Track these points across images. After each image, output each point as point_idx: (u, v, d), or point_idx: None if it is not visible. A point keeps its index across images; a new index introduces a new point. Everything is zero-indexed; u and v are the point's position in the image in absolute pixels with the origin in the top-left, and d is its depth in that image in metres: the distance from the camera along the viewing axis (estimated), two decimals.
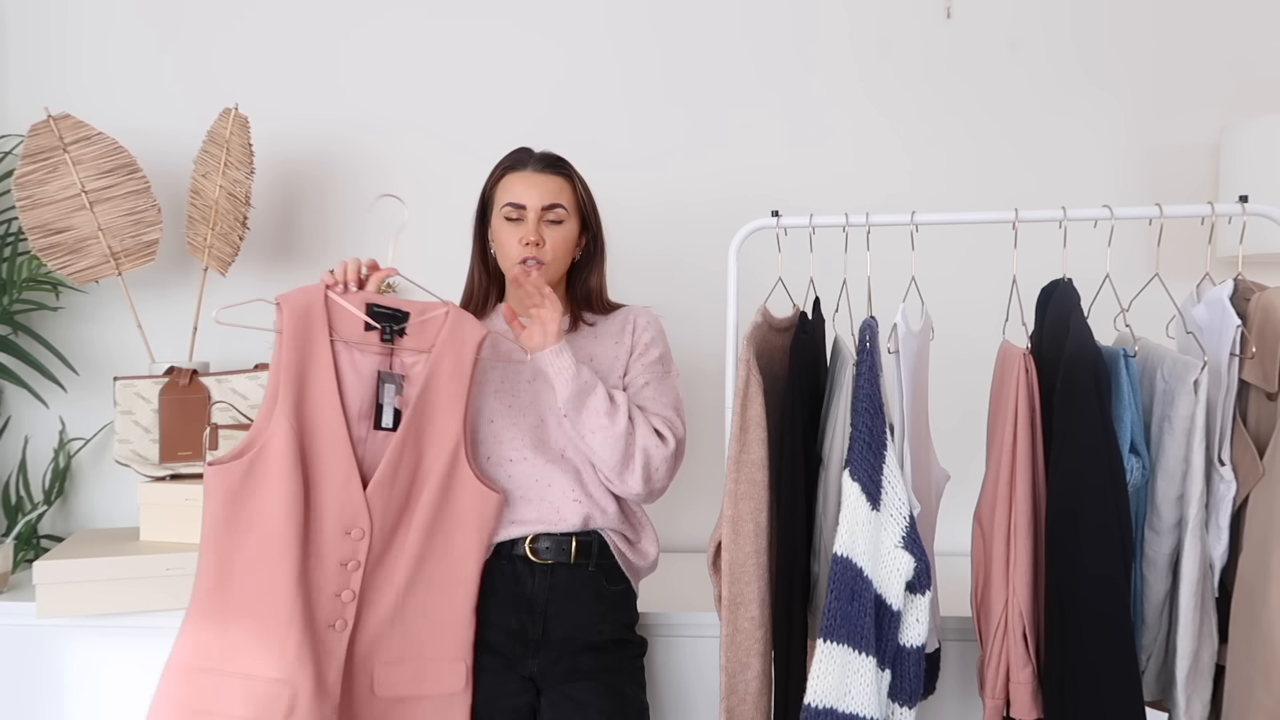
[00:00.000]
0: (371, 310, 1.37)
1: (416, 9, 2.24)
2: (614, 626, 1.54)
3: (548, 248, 1.53)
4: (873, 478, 1.31)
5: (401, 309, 1.39)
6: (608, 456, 1.45)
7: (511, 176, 1.55)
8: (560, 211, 1.54)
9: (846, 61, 2.20)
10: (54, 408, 2.24)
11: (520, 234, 1.52)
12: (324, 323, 1.35)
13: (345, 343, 1.36)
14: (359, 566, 1.35)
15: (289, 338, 1.33)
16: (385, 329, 1.37)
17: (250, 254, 2.23)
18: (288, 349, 1.33)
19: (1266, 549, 1.26)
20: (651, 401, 1.53)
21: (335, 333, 1.35)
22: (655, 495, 1.52)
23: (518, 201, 1.52)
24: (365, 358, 1.37)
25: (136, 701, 1.77)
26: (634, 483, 1.47)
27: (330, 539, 1.33)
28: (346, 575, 1.34)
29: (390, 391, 1.36)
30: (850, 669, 1.29)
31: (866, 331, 1.37)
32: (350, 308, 1.36)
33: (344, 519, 1.34)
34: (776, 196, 2.16)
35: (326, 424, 1.34)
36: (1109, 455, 1.28)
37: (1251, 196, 1.69)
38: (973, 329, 1.92)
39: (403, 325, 1.38)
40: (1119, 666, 1.27)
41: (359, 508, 1.34)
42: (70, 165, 1.93)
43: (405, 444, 1.38)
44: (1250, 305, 1.35)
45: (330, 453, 1.33)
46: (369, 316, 1.36)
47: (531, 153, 1.58)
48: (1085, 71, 2.17)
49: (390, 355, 1.38)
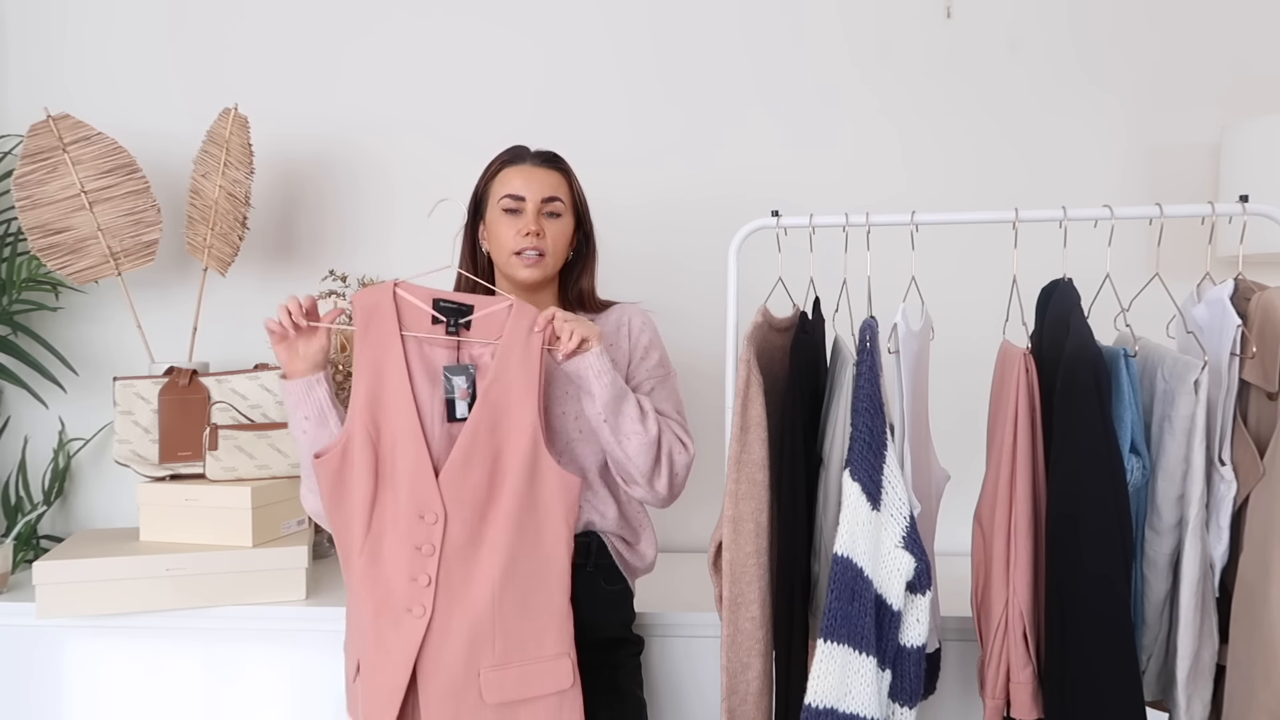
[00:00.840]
0: (437, 304, 1.41)
1: (415, 9, 2.24)
2: (612, 625, 1.54)
3: (547, 239, 1.53)
4: (873, 478, 1.31)
5: (466, 303, 1.43)
6: (642, 462, 1.44)
7: (509, 170, 1.55)
8: (558, 205, 1.54)
9: (845, 61, 2.20)
10: (54, 408, 2.24)
11: (519, 225, 1.51)
12: (393, 317, 1.40)
13: (415, 337, 1.40)
14: (434, 551, 1.36)
15: (361, 333, 1.39)
16: (450, 322, 1.41)
17: (250, 254, 2.23)
18: (360, 344, 1.39)
19: (1267, 549, 1.26)
20: (663, 405, 1.53)
21: (405, 327, 1.40)
22: (674, 499, 1.52)
23: (517, 193, 1.52)
24: (435, 350, 1.41)
25: (136, 701, 1.77)
26: (661, 487, 1.47)
27: (405, 524, 1.36)
28: (422, 560, 1.36)
29: (460, 384, 1.39)
30: (851, 669, 1.29)
31: (866, 331, 1.37)
32: (417, 302, 1.41)
33: (417, 503, 1.37)
34: (775, 196, 2.16)
35: (399, 413, 1.38)
36: (1109, 455, 1.28)
37: (1251, 196, 1.69)
38: (973, 329, 1.92)
39: (468, 318, 1.42)
40: (1119, 666, 1.27)
41: (431, 493, 1.37)
42: (70, 165, 1.93)
43: (478, 433, 1.39)
44: (1250, 305, 1.35)
45: (404, 441, 1.38)
46: (435, 310, 1.41)
47: (528, 149, 1.58)
48: (1085, 71, 2.17)
49: (458, 349, 1.42)
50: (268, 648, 1.76)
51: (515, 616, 1.37)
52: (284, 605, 1.76)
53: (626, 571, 1.58)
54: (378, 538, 1.37)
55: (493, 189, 1.56)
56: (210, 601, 1.74)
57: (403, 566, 1.36)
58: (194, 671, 1.77)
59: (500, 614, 1.36)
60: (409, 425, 1.38)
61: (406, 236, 2.25)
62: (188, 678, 1.77)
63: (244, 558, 1.75)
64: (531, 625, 1.38)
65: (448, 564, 1.37)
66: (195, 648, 1.77)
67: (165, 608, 1.73)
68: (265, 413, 1.89)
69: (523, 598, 1.38)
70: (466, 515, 1.37)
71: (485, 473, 1.39)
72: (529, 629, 1.38)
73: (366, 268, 2.24)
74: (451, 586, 1.36)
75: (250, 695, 1.76)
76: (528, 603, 1.38)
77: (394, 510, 1.37)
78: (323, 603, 1.77)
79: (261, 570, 1.75)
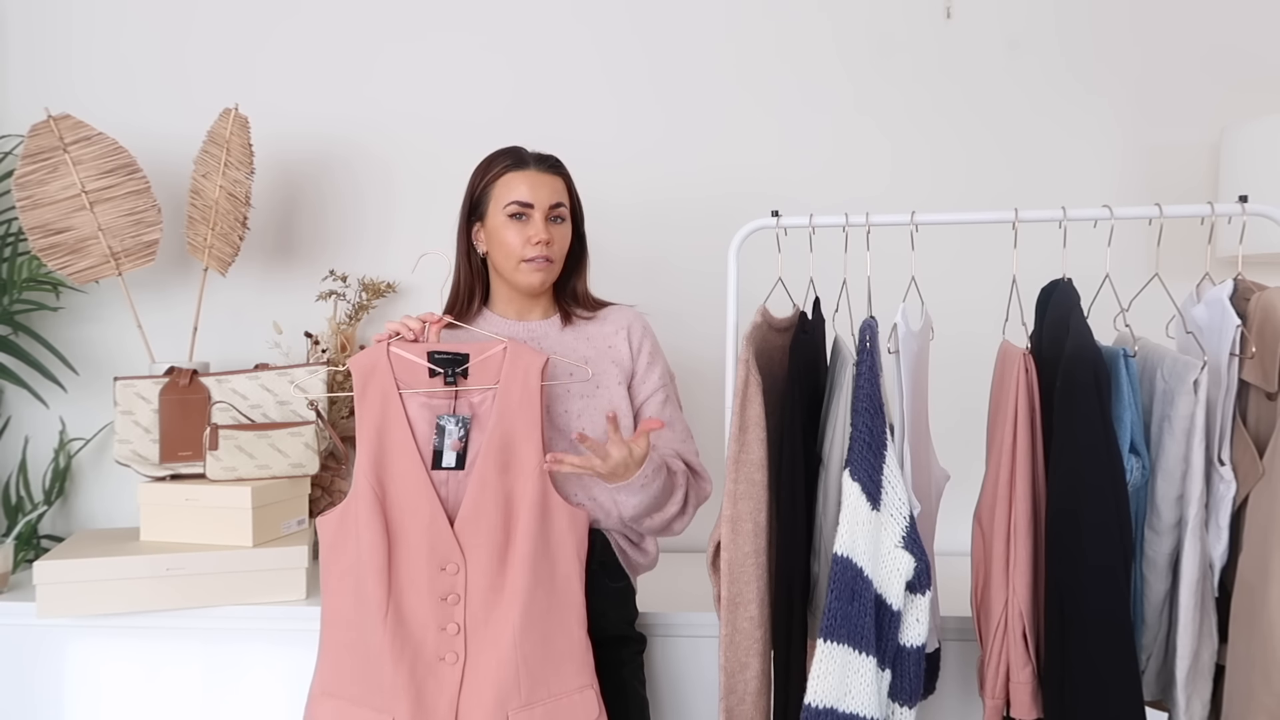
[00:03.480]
0: (432, 357, 1.43)
1: (414, 10, 2.24)
2: (614, 623, 1.55)
3: (556, 246, 1.53)
4: (873, 478, 1.31)
5: (461, 351, 1.44)
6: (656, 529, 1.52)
7: (514, 175, 1.53)
8: (563, 210, 1.55)
9: (841, 61, 2.20)
10: (54, 408, 2.24)
11: (528, 233, 1.51)
12: (390, 377, 1.43)
13: (412, 391, 1.43)
14: (459, 600, 1.39)
15: (360, 395, 1.42)
16: (448, 373, 1.42)
17: (250, 254, 2.23)
18: (361, 406, 1.42)
19: (1266, 549, 1.26)
20: (675, 418, 1.58)
21: (401, 384, 1.43)
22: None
23: (525, 200, 1.51)
24: (435, 402, 1.43)
25: (137, 701, 1.77)
26: (680, 528, 1.54)
27: (426, 575, 1.39)
28: (449, 609, 1.39)
29: (452, 434, 1.41)
30: (850, 669, 1.30)
31: (866, 331, 1.37)
32: (412, 357, 1.43)
33: (437, 555, 1.39)
34: (773, 197, 2.16)
35: (406, 469, 1.40)
36: (1109, 455, 1.28)
37: (1251, 196, 1.69)
38: (973, 329, 1.92)
39: (464, 366, 1.43)
40: (1119, 665, 1.27)
41: (449, 544, 1.40)
42: (70, 165, 1.93)
43: (487, 478, 1.41)
44: (1250, 305, 1.35)
45: (413, 495, 1.40)
46: (431, 363, 1.42)
47: (528, 152, 1.57)
48: (1085, 71, 2.17)
49: (456, 398, 1.44)
50: (268, 648, 1.76)
51: (538, 656, 1.39)
52: (284, 605, 1.76)
53: (629, 568, 1.59)
54: (398, 597, 1.38)
55: (495, 193, 1.54)
56: (210, 601, 1.74)
57: (430, 619, 1.38)
58: (194, 671, 1.77)
59: (523, 655, 1.38)
60: (418, 480, 1.40)
61: (406, 236, 2.25)
62: (188, 678, 1.77)
63: (244, 558, 1.75)
64: (553, 662, 1.40)
65: (473, 609, 1.39)
66: (195, 648, 1.77)
67: (165, 608, 1.73)
68: (265, 413, 1.89)
69: (543, 636, 1.40)
70: (484, 561, 1.40)
71: (500, 516, 1.41)
72: (551, 666, 1.40)
73: (366, 268, 2.24)
74: (478, 631, 1.39)
75: (250, 695, 1.76)
76: (548, 640, 1.40)
77: (411, 566, 1.39)
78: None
79: (261, 570, 1.75)
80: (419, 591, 1.38)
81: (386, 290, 2.19)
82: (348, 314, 2.17)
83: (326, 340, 2.12)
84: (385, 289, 2.19)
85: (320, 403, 1.89)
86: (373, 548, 1.37)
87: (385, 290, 2.19)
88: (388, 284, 2.20)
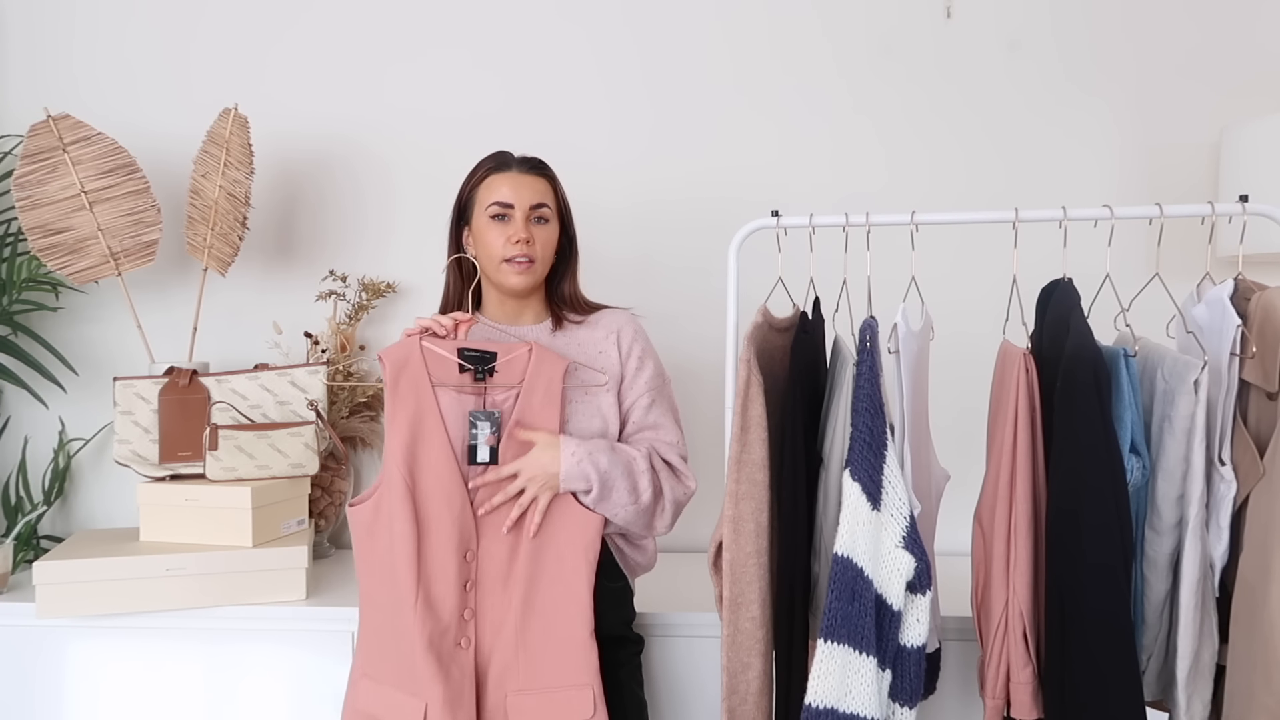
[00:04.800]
0: (463, 354, 1.47)
1: (414, 11, 2.24)
2: (612, 624, 1.54)
3: (536, 246, 1.53)
4: (873, 478, 1.31)
5: (490, 350, 1.49)
6: (635, 525, 1.51)
7: (496, 177, 1.54)
8: (546, 211, 1.55)
9: (836, 60, 2.20)
10: (54, 408, 2.24)
11: (508, 233, 1.52)
12: (423, 370, 1.46)
13: (444, 386, 1.46)
14: (474, 586, 1.45)
15: (392, 387, 1.45)
16: (477, 370, 1.47)
17: (250, 254, 2.23)
18: (393, 397, 1.45)
19: (1267, 549, 1.26)
20: (662, 419, 1.56)
21: (434, 378, 1.46)
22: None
23: (505, 200, 1.52)
24: (464, 397, 1.48)
25: (137, 702, 1.77)
26: (662, 527, 1.54)
27: (453, 563, 1.43)
28: (467, 595, 1.45)
29: (485, 429, 1.47)
30: (851, 669, 1.29)
31: (866, 331, 1.37)
32: (444, 353, 1.47)
33: (462, 544, 1.44)
34: (770, 200, 2.16)
35: (438, 460, 1.44)
36: (1109, 455, 1.28)
37: (1251, 196, 1.69)
38: (973, 329, 1.92)
39: (492, 365, 1.48)
40: (1119, 665, 1.27)
41: (472, 532, 1.45)
42: (70, 165, 1.93)
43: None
44: (1250, 305, 1.35)
45: (445, 487, 1.44)
46: (461, 359, 1.47)
47: (512, 155, 1.58)
48: (1085, 71, 2.17)
49: (483, 394, 1.48)
50: (268, 648, 1.76)
51: (538, 645, 1.45)
52: (284, 605, 1.76)
53: (627, 569, 1.59)
54: (427, 584, 1.43)
55: (479, 196, 1.55)
56: (210, 601, 1.74)
57: (455, 604, 1.43)
58: (194, 671, 1.77)
59: (524, 641, 1.44)
60: (449, 471, 1.44)
61: (406, 236, 2.25)
62: (188, 678, 1.77)
63: (244, 558, 1.75)
64: (554, 654, 1.45)
65: (483, 596, 1.45)
66: (195, 648, 1.77)
67: (165, 608, 1.73)
68: (265, 413, 1.89)
69: (545, 627, 1.45)
70: (496, 550, 1.45)
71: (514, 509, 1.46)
72: (551, 658, 1.45)
73: (366, 268, 2.24)
74: (487, 616, 1.45)
75: (250, 695, 1.76)
76: (550, 632, 1.45)
77: (440, 553, 1.43)
78: (323, 603, 1.77)
79: (261, 570, 1.75)
80: (447, 579, 1.42)
81: (386, 290, 2.19)
82: (347, 314, 2.17)
83: (326, 340, 2.12)
84: (385, 289, 2.19)
85: (320, 403, 1.89)
86: (404, 536, 1.41)
87: (385, 290, 2.19)
88: (387, 284, 2.20)
